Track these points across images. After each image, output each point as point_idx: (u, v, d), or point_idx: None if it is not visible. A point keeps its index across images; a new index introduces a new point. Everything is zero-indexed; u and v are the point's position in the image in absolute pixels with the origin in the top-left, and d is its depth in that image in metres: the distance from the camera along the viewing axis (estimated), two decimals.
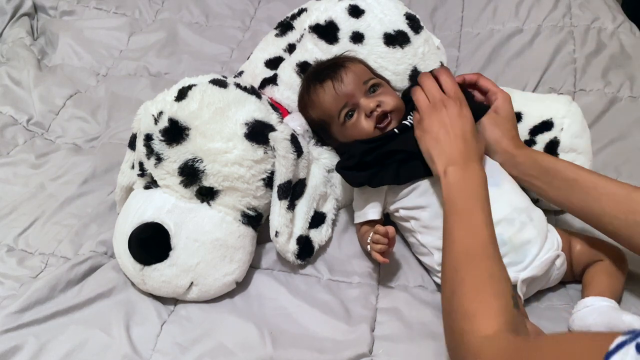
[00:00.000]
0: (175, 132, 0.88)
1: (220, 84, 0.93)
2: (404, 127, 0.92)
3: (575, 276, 0.90)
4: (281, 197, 0.90)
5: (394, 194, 0.93)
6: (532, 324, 0.79)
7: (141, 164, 0.93)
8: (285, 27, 1.16)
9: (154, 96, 0.95)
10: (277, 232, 0.90)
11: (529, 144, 0.97)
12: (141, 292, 0.90)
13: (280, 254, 0.94)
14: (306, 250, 0.93)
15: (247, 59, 1.19)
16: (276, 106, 1.02)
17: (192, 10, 1.63)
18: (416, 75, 1.00)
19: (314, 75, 0.99)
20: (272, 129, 0.91)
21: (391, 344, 0.83)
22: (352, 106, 0.94)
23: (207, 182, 0.88)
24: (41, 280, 0.89)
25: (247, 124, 0.89)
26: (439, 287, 0.90)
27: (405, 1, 1.12)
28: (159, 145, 0.89)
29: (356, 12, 1.05)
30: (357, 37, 1.04)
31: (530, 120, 0.98)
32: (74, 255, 0.97)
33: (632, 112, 1.21)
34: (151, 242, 0.86)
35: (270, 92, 1.08)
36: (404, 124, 0.93)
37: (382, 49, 1.03)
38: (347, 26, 1.04)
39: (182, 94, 0.91)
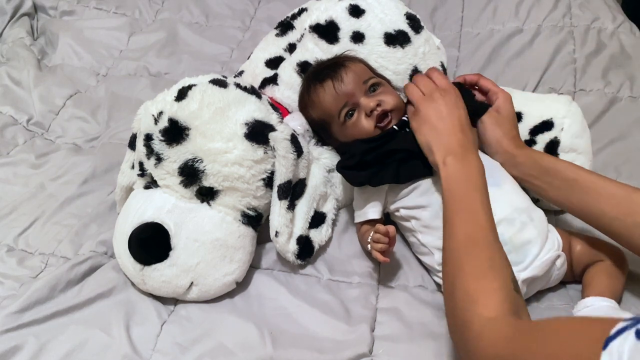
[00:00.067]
0: (175, 132, 0.88)
1: (220, 84, 0.93)
2: (402, 122, 0.93)
3: (575, 276, 0.90)
4: (281, 197, 0.90)
5: (394, 193, 0.93)
6: None
7: (141, 164, 0.93)
8: (285, 26, 1.16)
9: (154, 96, 0.95)
10: (277, 232, 0.90)
11: (529, 143, 0.97)
12: (141, 292, 0.90)
13: (280, 254, 0.94)
14: (306, 250, 0.93)
15: (248, 59, 1.19)
16: (276, 106, 1.02)
17: (192, 10, 1.63)
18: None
19: (314, 74, 0.99)
20: (272, 129, 0.91)
21: (391, 344, 0.83)
22: (352, 105, 0.94)
23: (207, 182, 0.88)
24: (41, 280, 0.89)
25: (247, 124, 0.89)
26: (439, 287, 0.90)
27: (405, 1, 1.12)
28: (159, 145, 0.89)
29: (357, 11, 1.05)
30: (358, 37, 1.04)
31: (530, 120, 0.98)
32: (74, 255, 0.97)
33: (632, 112, 1.21)
34: (151, 242, 0.86)
35: (270, 91, 1.08)
36: (402, 119, 0.93)
37: (383, 48, 1.03)
38: (347, 26, 1.04)
39: (182, 94, 0.91)
